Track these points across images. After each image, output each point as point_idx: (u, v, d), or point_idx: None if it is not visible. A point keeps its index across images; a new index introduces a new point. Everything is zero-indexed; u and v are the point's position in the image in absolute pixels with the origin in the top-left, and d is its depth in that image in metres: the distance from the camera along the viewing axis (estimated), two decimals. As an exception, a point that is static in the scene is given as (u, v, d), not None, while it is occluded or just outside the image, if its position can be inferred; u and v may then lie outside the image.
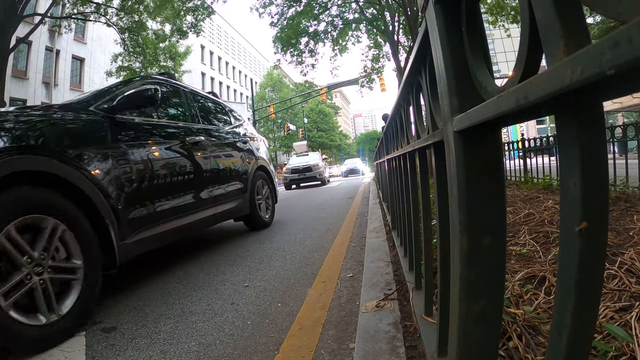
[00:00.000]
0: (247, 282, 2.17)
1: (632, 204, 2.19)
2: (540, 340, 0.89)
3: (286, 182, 14.26)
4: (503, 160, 0.56)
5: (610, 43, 0.21)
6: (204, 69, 34.53)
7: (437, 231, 0.82)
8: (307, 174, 13.93)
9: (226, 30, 40.39)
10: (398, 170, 1.81)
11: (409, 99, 1.21)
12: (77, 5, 11.69)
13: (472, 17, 0.51)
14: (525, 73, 0.36)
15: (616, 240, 1.48)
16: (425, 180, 1.14)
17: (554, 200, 2.53)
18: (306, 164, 14.17)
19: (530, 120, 0.41)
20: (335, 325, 1.47)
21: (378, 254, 2.18)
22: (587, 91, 0.29)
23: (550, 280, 1.18)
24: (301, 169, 14.04)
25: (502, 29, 11.12)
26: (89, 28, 19.89)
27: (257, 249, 3.10)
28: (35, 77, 17.43)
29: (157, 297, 2.05)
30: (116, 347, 1.46)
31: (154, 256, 3.24)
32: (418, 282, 1.33)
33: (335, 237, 3.27)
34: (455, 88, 0.55)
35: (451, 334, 0.59)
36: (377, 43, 13.98)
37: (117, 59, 14.90)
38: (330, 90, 31.10)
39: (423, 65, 0.83)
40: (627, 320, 0.88)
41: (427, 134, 0.88)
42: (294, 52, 13.02)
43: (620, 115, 20.99)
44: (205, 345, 1.39)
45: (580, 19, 0.29)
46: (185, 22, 13.18)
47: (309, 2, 11.79)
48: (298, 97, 31.18)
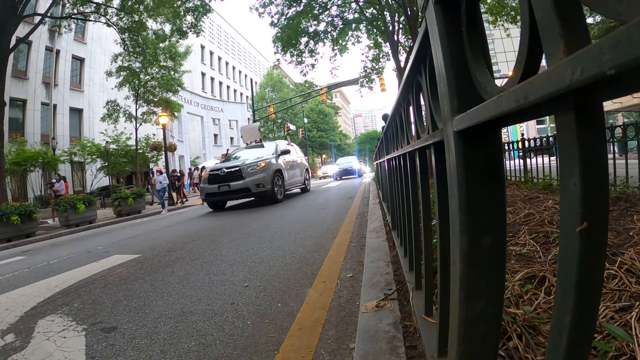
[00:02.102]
0: (247, 282, 2.17)
1: (632, 204, 2.19)
2: (540, 340, 0.89)
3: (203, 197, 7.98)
4: (503, 160, 0.56)
5: (610, 43, 0.21)
6: (204, 69, 34.53)
7: (437, 231, 0.82)
8: (234, 184, 7.25)
9: (226, 30, 40.39)
10: (398, 170, 1.81)
11: (409, 99, 1.21)
12: (77, 5, 11.69)
13: (472, 17, 0.51)
14: (525, 73, 0.36)
15: (616, 240, 1.48)
16: (425, 180, 1.14)
17: (554, 200, 2.53)
18: (237, 165, 7.51)
19: (530, 120, 0.41)
20: (335, 325, 1.47)
21: (378, 254, 2.18)
22: (587, 91, 0.29)
23: (550, 280, 1.18)
24: (223, 176, 7.38)
25: (502, 28, 11.13)
26: (89, 28, 19.90)
27: (257, 249, 3.10)
28: (35, 77, 17.43)
29: (157, 297, 2.05)
30: (116, 347, 1.46)
31: (153, 256, 3.24)
32: (418, 282, 1.33)
33: (335, 237, 3.27)
34: (455, 88, 0.55)
35: (451, 334, 0.59)
36: (377, 43, 13.98)
37: (117, 59, 14.91)
38: (330, 90, 31.10)
39: (423, 65, 0.83)
40: (627, 320, 0.88)
41: (427, 134, 0.88)
42: (293, 52, 13.02)
43: (620, 115, 20.99)
44: (205, 345, 1.39)
45: (580, 19, 0.29)
46: (185, 22, 13.18)
47: (309, 2, 11.80)
48: (298, 97, 31.19)
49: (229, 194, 7.44)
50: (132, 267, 2.89)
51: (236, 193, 7.40)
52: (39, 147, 14.91)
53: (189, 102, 28.16)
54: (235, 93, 40.82)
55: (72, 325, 1.75)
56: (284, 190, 8.15)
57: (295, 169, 9.30)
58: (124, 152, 17.43)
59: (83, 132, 19.61)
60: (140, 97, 15.91)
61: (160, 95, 16.37)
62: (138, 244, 4.25)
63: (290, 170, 8.87)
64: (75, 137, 18.79)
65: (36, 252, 5.04)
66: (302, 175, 9.88)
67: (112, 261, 3.26)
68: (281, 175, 8.06)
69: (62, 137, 17.93)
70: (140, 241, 4.40)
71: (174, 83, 16.70)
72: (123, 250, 3.89)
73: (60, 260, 3.76)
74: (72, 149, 16.98)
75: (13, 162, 13.07)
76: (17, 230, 7.18)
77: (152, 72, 15.57)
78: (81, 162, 17.92)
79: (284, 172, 8.25)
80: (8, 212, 6.97)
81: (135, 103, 15.96)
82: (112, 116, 16.20)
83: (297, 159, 9.91)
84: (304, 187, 10.17)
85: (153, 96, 16.18)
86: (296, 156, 9.94)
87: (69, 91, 19.18)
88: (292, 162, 9.16)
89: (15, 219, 7.03)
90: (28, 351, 1.51)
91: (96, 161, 17.32)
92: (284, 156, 8.56)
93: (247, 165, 7.44)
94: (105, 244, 4.66)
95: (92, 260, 3.46)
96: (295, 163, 9.46)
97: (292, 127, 36.02)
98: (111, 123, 16.32)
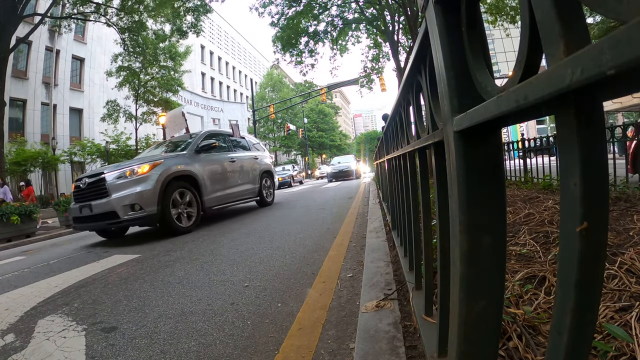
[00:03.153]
0: (247, 282, 2.17)
1: (632, 204, 2.19)
2: (540, 340, 0.89)
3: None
4: (503, 160, 0.56)
5: (610, 43, 0.21)
6: (204, 69, 34.54)
7: (437, 231, 0.82)
8: (97, 204, 4.28)
9: (226, 30, 40.39)
10: (398, 170, 1.81)
11: (409, 98, 1.21)
12: (77, 5, 11.70)
13: (472, 17, 0.51)
14: (525, 73, 0.36)
15: (616, 240, 1.48)
16: (425, 180, 1.14)
17: (554, 200, 2.53)
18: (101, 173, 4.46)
19: (530, 120, 0.41)
20: (335, 325, 1.47)
21: (378, 254, 2.18)
22: (587, 91, 0.29)
23: (550, 280, 1.18)
24: (85, 190, 4.51)
25: (502, 28, 11.13)
26: (89, 28, 19.90)
27: (257, 248, 3.10)
28: (35, 77, 17.44)
29: (157, 297, 2.05)
30: (116, 347, 1.46)
31: (153, 256, 3.24)
32: (418, 282, 1.33)
33: (335, 237, 3.27)
34: (455, 88, 0.55)
35: (451, 334, 0.59)
36: (377, 43, 13.99)
37: (117, 59, 14.92)
38: (330, 90, 31.10)
39: (423, 65, 0.83)
40: (627, 320, 0.88)
41: (427, 134, 0.88)
42: (293, 52, 13.02)
43: (620, 115, 20.99)
44: (205, 345, 1.39)
45: (580, 19, 0.29)
46: (185, 22, 13.20)
47: (309, 2, 11.80)
48: (298, 97, 31.20)
49: (92, 220, 4.39)
50: (132, 267, 2.89)
51: (98, 220, 4.34)
52: (39, 147, 14.92)
53: (189, 102, 28.16)
54: (235, 93, 40.82)
55: (72, 325, 1.75)
56: (198, 211, 4.82)
57: (235, 173, 5.92)
58: (124, 152, 17.44)
59: (83, 132, 19.62)
60: (140, 97, 15.92)
61: (160, 95, 16.38)
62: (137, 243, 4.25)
63: (221, 175, 5.55)
64: (75, 137, 18.80)
65: (36, 252, 5.04)
66: (255, 182, 6.60)
67: (112, 261, 3.26)
68: (196, 186, 4.90)
69: (62, 137, 17.94)
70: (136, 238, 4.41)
71: (174, 83, 16.72)
72: (120, 251, 3.89)
73: (60, 260, 3.76)
74: (72, 149, 16.98)
75: (13, 162, 13.08)
76: (17, 230, 7.18)
77: (152, 72, 15.59)
78: (81, 162, 17.92)
79: (203, 181, 4.99)
80: (8, 212, 6.97)
81: (135, 103, 15.98)
82: (112, 116, 16.22)
83: (244, 155, 6.40)
84: (260, 198, 6.83)
85: (153, 96, 16.20)
86: (242, 153, 6.42)
87: (69, 91, 19.18)
88: (227, 163, 5.79)
89: (15, 219, 7.03)
90: (28, 351, 1.51)
91: (96, 161, 17.32)
92: (208, 154, 5.40)
93: (115, 172, 4.36)
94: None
95: (92, 260, 3.46)
96: (237, 164, 6.05)
97: (292, 127, 36.03)
98: (111, 123, 16.33)
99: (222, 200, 5.51)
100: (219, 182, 5.46)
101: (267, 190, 7.22)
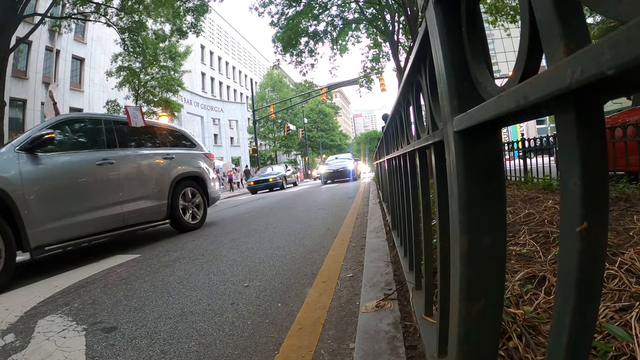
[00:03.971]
0: (247, 282, 2.17)
1: (632, 204, 2.19)
2: (540, 340, 0.89)
3: None
4: (503, 160, 0.56)
5: (610, 43, 0.21)
6: (204, 69, 34.56)
7: (437, 231, 0.82)
8: None
9: (226, 30, 40.40)
10: (398, 170, 1.81)
11: (409, 99, 1.21)
12: (77, 5, 11.70)
13: (472, 17, 0.51)
14: (525, 73, 0.36)
15: (616, 240, 1.48)
16: (425, 180, 1.14)
17: (554, 200, 2.53)
18: None
19: (530, 120, 0.41)
20: (335, 325, 1.47)
21: (378, 254, 2.18)
22: (587, 91, 0.29)
23: (550, 280, 1.18)
24: None
25: (502, 28, 11.13)
26: (89, 28, 19.90)
27: (257, 248, 3.11)
28: (35, 77, 17.44)
29: (157, 297, 2.05)
30: (116, 347, 1.46)
31: (153, 256, 3.24)
32: (418, 282, 1.33)
33: (336, 237, 3.27)
34: (455, 88, 0.55)
35: (451, 334, 0.59)
36: (377, 43, 14.00)
37: (117, 59, 14.92)
38: (330, 90, 31.13)
39: (423, 65, 0.83)
40: (627, 320, 0.88)
41: (427, 134, 0.88)
42: (293, 52, 13.03)
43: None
44: (205, 345, 1.39)
45: (580, 19, 0.29)
46: (185, 22, 13.20)
47: (309, 2, 11.81)
48: (298, 97, 31.23)
49: None
50: (132, 267, 2.89)
51: None
52: (39, 147, 14.89)
53: (189, 102, 28.19)
54: (235, 93, 40.84)
55: (72, 325, 1.75)
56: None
57: (110, 183, 3.68)
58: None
59: (83, 132, 19.59)
60: (140, 97, 15.93)
61: (160, 95, 16.39)
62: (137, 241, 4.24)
63: (77, 189, 3.36)
64: (75, 137, 18.77)
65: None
66: (162, 196, 4.28)
67: (112, 261, 3.26)
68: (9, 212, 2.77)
69: (62, 137, 17.90)
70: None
71: (174, 83, 16.73)
72: (120, 251, 3.89)
73: (60, 260, 3.76)
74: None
75: (13, 162, 13.04)
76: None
77: (152, 72, 15.59)
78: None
79: (23, 202, 2.84)
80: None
81: (135, 103, 15.98)
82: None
83: (137, 154, 4.11)
84: (173, 219, 4.48)
85: (153, 96, 16.21)
86: (136, 151, 4.14)
87: (69, 91, 19.18)
88: (94, 168, 3.55)
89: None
90: (28, 351, 1.51)
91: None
92: (53, 153, 3.27)
93: None
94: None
95: (92, 260, 3.46)
96: (118, 169, 3.78)
97: (292, 127, 36.05)
98: (111, 123, 16.31)
99: (74, 230, 3.27)
100: (69, 200, 3.25)
101: (192, 208, 4.78)
